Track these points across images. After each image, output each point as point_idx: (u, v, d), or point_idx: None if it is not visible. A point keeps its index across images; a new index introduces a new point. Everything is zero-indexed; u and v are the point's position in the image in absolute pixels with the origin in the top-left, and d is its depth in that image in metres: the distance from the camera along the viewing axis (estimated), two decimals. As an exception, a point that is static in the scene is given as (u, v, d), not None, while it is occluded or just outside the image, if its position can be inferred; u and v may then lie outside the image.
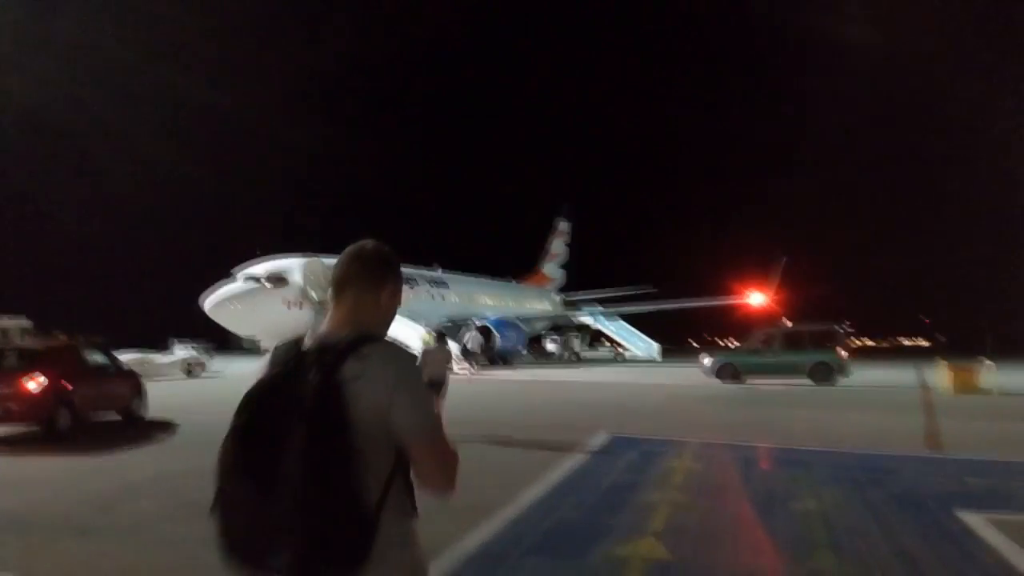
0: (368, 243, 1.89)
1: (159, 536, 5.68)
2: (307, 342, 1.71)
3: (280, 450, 1.53)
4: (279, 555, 1.52)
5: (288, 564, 1.52)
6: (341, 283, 1.81)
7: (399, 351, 1.71)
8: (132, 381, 13.79)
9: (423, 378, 1.75)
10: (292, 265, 32.44)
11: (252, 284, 31.01)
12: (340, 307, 1.79)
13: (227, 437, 1.61)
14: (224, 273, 31.79)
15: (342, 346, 1.64)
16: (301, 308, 31.94)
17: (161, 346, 33.62)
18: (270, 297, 30.95)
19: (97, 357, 13.08)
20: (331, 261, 34.47)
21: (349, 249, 1.87)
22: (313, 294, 32.26)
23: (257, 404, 1.62)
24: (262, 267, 31.93)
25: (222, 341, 34.66)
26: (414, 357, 1.73)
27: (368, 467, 1.57)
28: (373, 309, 1.81)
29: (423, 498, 1.73)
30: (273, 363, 1.71)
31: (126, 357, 21.98)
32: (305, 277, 32.19)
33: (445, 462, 1.69)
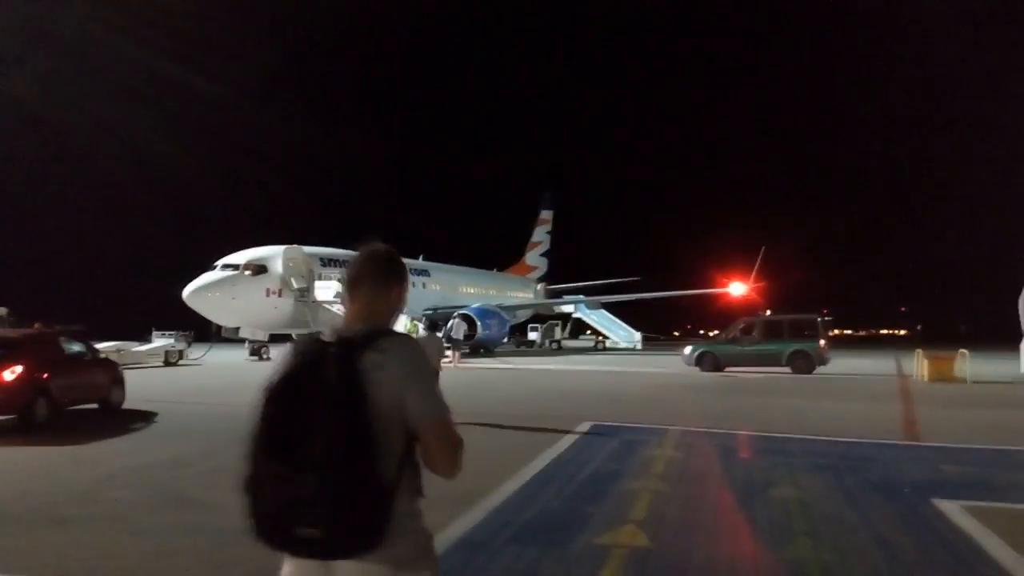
0: (379, 246, 2.07)
1: (137, 526, 5.63)
2: (326, 335, 1.85)
3: (306, 434, 1.67)
4: (305, 531, 1.65)
5: (313, 540, 1.66)
6: (355, 281, 2.00)
7: (413, 345, 1.89)
8: (110, 370, 13.65)
9: (432, 370, 1.90)
10: (272, 253, 32.18)
11: (231, 272, 30.75)
12: (355, 303, 1.99)
13: (256, 423, 1.74)
14: (206, 264, 31.53)
15: (360, 339, 1.81)
16: (281, 296, 31.72)
17: (142, 336, 33.30)
18: (250, 286, 30.70)
19: (75, 346, 12.93)
20: (311, 250, 34.27)
21: (362, 251, 2.05)
22: (293, 282, 32.04)
23: (283, 392, 1.75)
24: (242, 256, 31.65)
25: (203, 331, 34.36)
26: (424, 351, 1.90)
27: (385, 450, 1.72)
28: (384, 306, 2.00)
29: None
30: (295, 354, 1.83)
31: (104, 346, 21.77)
32: (285, 266, 31.95)
33: (453, 447, 1.84)
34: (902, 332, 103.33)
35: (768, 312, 31.85)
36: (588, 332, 53.99)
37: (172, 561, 4.74)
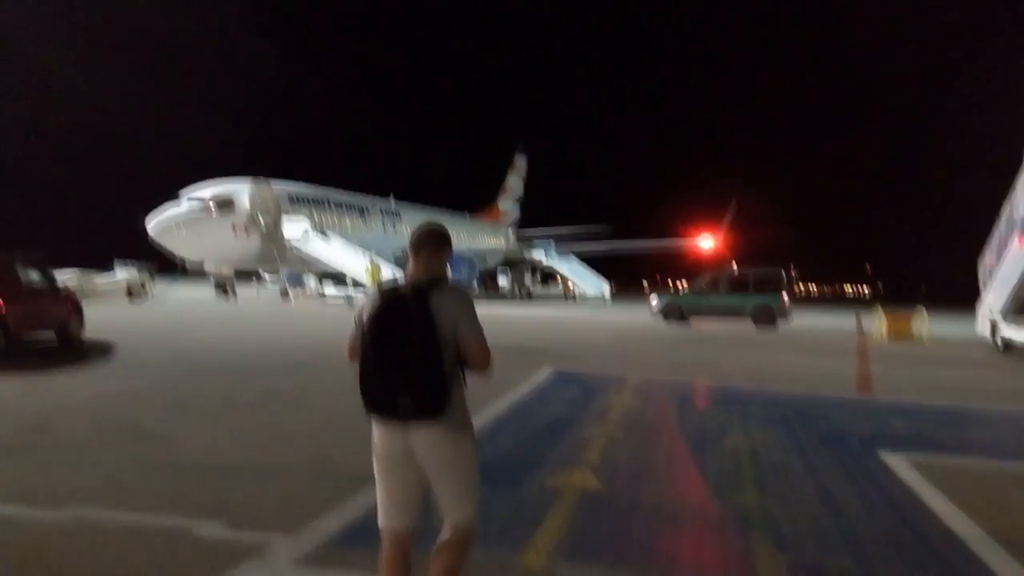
0: (434, 223, 3.01)
1: (86, 458, 5.59)
2: (401, 284, 2.81)
3: (400, 345, 2.65)
4: (402, 400, 2.65)
5: (406, 406, 2.66)
6: (418, 247, 2.91)
7: (462, 290, 2.87)
8: (69, 301, 13.43)
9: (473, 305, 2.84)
10: (239, 189, 31.58)
11: (197, 206, 30.16)
12: (419, 261, 2.90)
13: (366, 342, 2.72)
14: (169, 194, 30.86)
15: (426, 285, 2.77)
16: (248, 233, 31.27)
17: (106, 266, 32.74)
18: (216, 222, 30.19)
19: (33, 275, 12.65)
20: (279, 186, 33.61)
21: (422, 226, 2.97)
22: (261, 219, 31.55)
23: (381, 320, 2.71)
24: (208, 190, 31.02)
25: (166, 262, 33.84)
26: (468, 292, 2.90)
27: (445, 355, 2.70)
28: (438, 263, 2.92)
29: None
30: (383, 296, 2.78)
31: (64, 275, 21.36)
32: (252, 201, 31.40)
33: (485, 354, 2.84)
34: (866, 289, 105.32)
35: (735, 265, 32.19)
36: (558, 280, 54.17)
37: (123, 494, 4.71)
